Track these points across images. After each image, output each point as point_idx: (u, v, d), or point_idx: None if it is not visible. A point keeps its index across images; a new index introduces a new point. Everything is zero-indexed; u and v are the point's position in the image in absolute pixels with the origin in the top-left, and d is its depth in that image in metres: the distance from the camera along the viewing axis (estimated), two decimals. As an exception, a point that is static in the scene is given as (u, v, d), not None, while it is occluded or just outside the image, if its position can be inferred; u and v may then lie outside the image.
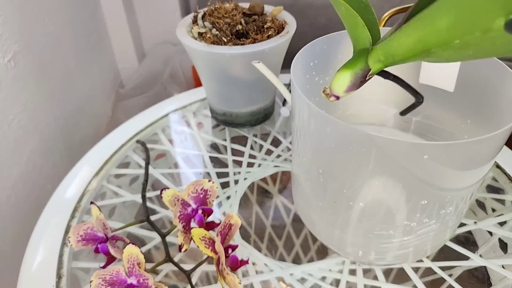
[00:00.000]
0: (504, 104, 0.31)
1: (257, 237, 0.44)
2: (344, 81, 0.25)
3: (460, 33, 0.15)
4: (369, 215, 0.30)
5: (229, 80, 0.47)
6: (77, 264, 0.38)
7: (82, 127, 0.78)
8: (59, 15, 0.70)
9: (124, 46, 1.01)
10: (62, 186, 0.45)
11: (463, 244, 0.39)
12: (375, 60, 0.24)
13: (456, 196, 0.29)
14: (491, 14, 0.14)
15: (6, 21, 0.53)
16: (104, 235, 0.35)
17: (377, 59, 0.23)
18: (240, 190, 0.45)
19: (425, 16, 0.17)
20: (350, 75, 0.24)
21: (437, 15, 0.16)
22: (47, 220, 0.41)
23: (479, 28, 0.14)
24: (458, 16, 0.15)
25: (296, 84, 0.29)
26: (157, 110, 0.57)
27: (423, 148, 0.24)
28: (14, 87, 0.55)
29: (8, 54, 0.54)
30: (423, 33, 0.18)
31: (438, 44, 0.17)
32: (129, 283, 0.30)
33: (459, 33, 0.15)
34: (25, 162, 0.57)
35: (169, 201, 0.35)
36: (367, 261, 0.35)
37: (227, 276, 0.31)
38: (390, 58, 0.22)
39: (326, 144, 0.29)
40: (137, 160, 0.49)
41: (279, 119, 0.56)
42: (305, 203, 0.36)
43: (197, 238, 0.32)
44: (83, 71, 0.80)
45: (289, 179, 0.50)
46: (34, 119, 0.60)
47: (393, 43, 0.21)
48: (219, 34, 0.45)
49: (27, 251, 0.38)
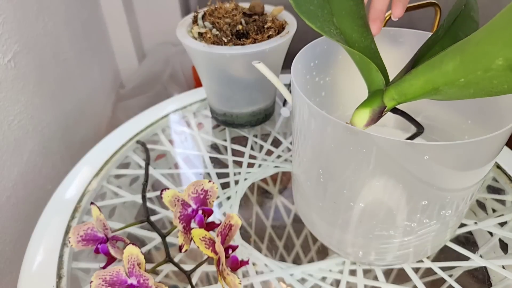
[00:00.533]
0: (504, 104, 0.31)
1: (258, 237, 0.44)
2: (364, 117, 0.29)
3: (464, 72, 0.18)
4: (370, 216, 0.30)
5: (230, 81, 0.47)
6: (77, 264, 0.38)
7: (82, 127, 0.78)
8: (59, 15, 0.70)
9: (124, 46, 1.01)
10: (62, 187, 0.45)
11: (464, 244, 0.39)
12: (389, 99, 0.28)
13: (456, 197, 0.29)
14: (491, 55, 0.17)
15: (6, 21, 0.53)
16: (104, 236, 0.35)
17: (391, 97, 0.28)
18: (240, 191, 0.45)
19: (433, 61, 0.21)
20: (369, 112, 0.29)
21: (445, 60, 0.20)
22: (47, 221, 0.41)
23: (480, 68, 0.17)
24: (463, 59, 0.18)
25: (296, 84, 0.29)
26: (157, 110, 0.57)
27: (424, 148, 0.24)
28: (14, 87, 0.55)
29: (8, 54, 0.54)
30: (431, 75, 0.21)
31: (445, 83, 0.20)
32: (129, 283, 0.30)
33: (464, 73, 0.18)
34: (25, 163, 0.57)
35: (169, 202, 0.35)
36: (368, 261, 0.35)
37: (228, 276, 0.31)
38: (403, 97, 0.26)
39: (327, 144, 0.29)
40: (137, 161, 0.49)
41: (279, 120, 0.56)
42: (305, 203, 0.36)
43: (197, 238, 0.32)
44: (83, 72, 0.80)
45: (289, 179, 0.50)
46: (34, 120, 0.60)
47: (405, 84, 0.25)
48: (219, 34, 0.45)
49: (27, 252, 0.38)
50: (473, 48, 0.18)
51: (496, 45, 0.17)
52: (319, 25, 0.28)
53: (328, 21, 0.30)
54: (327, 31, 0.28)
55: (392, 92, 0.27)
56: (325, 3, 0.30)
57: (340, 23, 0.30)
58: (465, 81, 0.19)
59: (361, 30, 0.31)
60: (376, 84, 0.29)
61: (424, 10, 0.47)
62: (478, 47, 0.18)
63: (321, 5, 0.30)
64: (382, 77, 0.28)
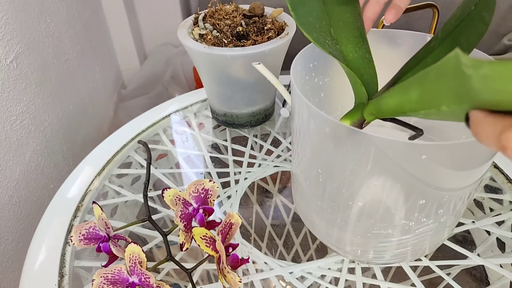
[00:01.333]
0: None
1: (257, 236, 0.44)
2: None
3: (424, 106, 0.20)
4: (368, 215, 0.31)
5: (230, 81, 0.48)
6: (79, 263, 0.39)
7: (84, 127, 0.78)
8: (61, 17, 0.71)
9: (126, 48, 1.01)
10: (64, 186, 0.45)
11: (461, 243, 0.39)
12: (369, 113, 0.29)
13: (454, 196, 0.29)
14: (438, 101, 0.18)
15: (8, 22, 0.54)
16: (106, 234, 0.35)
17: (370, 112, 0.29)
18: (241, 190, 0.45)
19: (404, 85, 0.22)
20: (349, 124, 0.30)
21: (411, 88, 0.21)
22: (50, 220, 0.41)
23: (433, 107, 0.19)
24: (422, 93, 0.20)
25: (295, 85, 0.30)
26: (158, 111, 0.57)
27: (421, 148, 0.25)
28: (17, 88, 0.55)
29: (10, 55, 0.54)
30: (401, 99, 0.23)
31: (410, 110, 0.22)
32: (131, 281, 0.31)
33: (423, 106, 0.20)
34: (27, 162, 0.57)
35: (170, 201, 0.35)
36: (366, 259, 0.35)
37: (228, 274, 0.31)
38: (380, 113, 0.28)
39: (325, 144, 0.29)
40: (139, 160, 0.50)
41: (279, 120, 0.56)
42: (304, 202, 0.36)
43: (198, 237, 0.32)
44: (85, 72, 0.80)
45: (289, 179, 0.51)
46: (36, 120, 0.60)
47: (382, 102, 0.26)
48: (219, 35, 0.46)
49: (30, 250, 0.39)
50: (429, 86, 0.19)
51: (440, 92, 0.18)
52: (315, 36, 0.30)
53: (325, 32, 0.31)
54: (322, 42, 0.30)
55: (372, 108, 0.29)
56: (324, 14, 0.31)
57: (337, 34, 0.32)
58: (424, 113, 0.20)
59: (357, 40, 0.32)
60: (359, 97, 0.31)
61: (422, 11, 0.48)
62: (431, 86, 0.19)
63: (320, 17, 0.31)
64: (365, 92, 0.30)
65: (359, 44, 0.32)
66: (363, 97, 0.31)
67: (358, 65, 0.32)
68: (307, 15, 0.30)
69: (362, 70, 0.32)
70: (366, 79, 0.32)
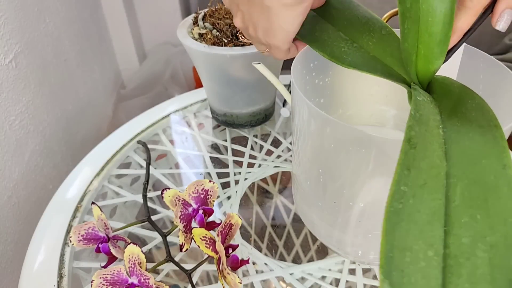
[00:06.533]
0: (503, 104, 0.31)
1: (258, 237, 0.44)
2: None
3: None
4: (369, 215, 0.30)
5: (230, 81, 0.47)
6: (78, 263, 0.38)
7: (83, 127, 0.78)
8: (60, 16, 0.70)
9: (125, 47, 1.01)
10: (63, 186, 0.45)
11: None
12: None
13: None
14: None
15: (7, 22, 0.54)
16: (105, 235, 0.35)
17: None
18: (241, 190, 0.45)
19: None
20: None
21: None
22: (49, 220, 0.41)
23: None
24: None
25: (296, 85, 0.30)
26: (158, 110, 0.57)
27: (422, 148, 0.24)
28: (16, 88, 0.55)
29: (9, 55, 0.54)
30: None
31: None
32: (130, 282, 0.31)
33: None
34: (26, 163, 0.57)
35: (170, 201, 0.35)
36: (367, 260, 0.35)
37: (228, 275, 0.31)
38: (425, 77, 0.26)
39: (326, 144, 0.29)
40: (138, 161, 0.49)
41: (279, 120, 0.56)
42: (305, 203, 0.36)
43: (197, 238, 0.32)
44: (84, 72, 0.80)
45: (289, 179, 0.51)
46: (35, 120, 0.60)
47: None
48: (219, 35, 0.46)
49: (29, 251, 0.38)
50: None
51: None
52: (329, 50, 0.28)
53: (336, 39, 0.30)
54: (339, 57, 0.28)
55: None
56: (326, 24, 0.30)
57: (347, 32, 0.30)
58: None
59: (367, 25, 0.30)
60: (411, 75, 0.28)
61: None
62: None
63: (324, 28, 0.30)
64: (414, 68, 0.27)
65: (371, 26, 0.30)
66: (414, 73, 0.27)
67: (385, 45, 0.28)
68: (312, 31, 0.30)
69: (394, 48, 0.29)
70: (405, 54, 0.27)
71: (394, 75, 0.28)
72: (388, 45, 0.29)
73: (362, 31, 0.31)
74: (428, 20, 0.23)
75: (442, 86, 0.27)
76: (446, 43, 0.25)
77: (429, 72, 0.26)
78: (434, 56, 0.25)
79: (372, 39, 0.30)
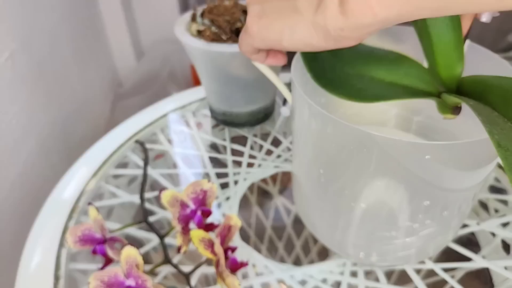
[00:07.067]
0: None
1: (257, 238, 0.44)
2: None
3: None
4: (371, 216, 0.30)
5: (229, 79, 0.47)
6: (74, 265, 0.38)
7: (80, 127, 0.77)
8: (56, 13, 0.70)
9: (122, 45, 1.01)
10: (59, 187, 0.45)
11: (466, 245, 0.38)
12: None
13: (458, 197, 0.29)
14: None
15: (3, 19, 0.53)
16: (102, 236, 0.34)
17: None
18: (240, 191, 0.45)
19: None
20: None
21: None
22: (45, 221, 0.41)
23: None
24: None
25: (296, 83, 0.29)
26: (155, 109, 0.57)
27: (425, 148, 0.24)
28: (12, 87, 0.55)
29: (5, 53, 0.53)
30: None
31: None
32: (127, 284, 0.30)
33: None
34: (23, 163, 0.57)
35: (168, 202, 0.34)
36: (369, 262, 0.35)
37: (227, 278, 0.31)
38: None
39: (327, 144, 0.28)
40: (136, 161, 0.49)
41: (279, 119, 0.55)
42: (305, 204, 0.36)
43: (196, 239, 0.32)
44: (81, 70, 0.79)
45: (289, 179, 0.50)
46: (32, 119, 0.59)
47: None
48: (218, 31, 0.45)
49: (25, 252, 0.38)
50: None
51: None
52: (346, 91, 0.27)
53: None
54: (356, 94, 0.28)
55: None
56: (333, 57, 0.29)
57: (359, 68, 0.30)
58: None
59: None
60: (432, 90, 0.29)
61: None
62: None
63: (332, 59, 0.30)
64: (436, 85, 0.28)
65: (376, 55, 0.30)
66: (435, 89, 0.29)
67: (398, 68, 0.29)
68: (323, 72, 0.29)
69: (407, 67, 0.30)
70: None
71: (418, 92, 0.28)
72: (400, 67, 0.30)
73: (368, 62, 0.30)
74: (439, 33, 0.27)
75: (474, 85, 0.27)
76: (461, 47, 0.27)
77: (455, 77, 0.28)
78: (454, 62, 0.28)
79: (381, 66, 0.30)
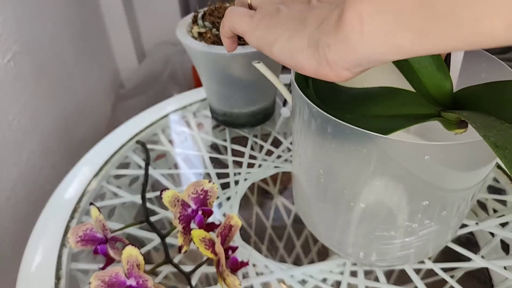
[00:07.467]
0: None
1: (258, 238, 0.44)
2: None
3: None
4: (370, 216, 0.30)
5: (230, 80, 0.47)
6: (76, 265, 0.38)
7: (82, 127, 0.78)
8: (59, 15, 0.70)
9: (124, 47, 1.01)
10: (61, 187, 0.45)
11: (465, 245, 0.38)
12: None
13: (457, 197, 0.29)
14: None
15: (6, 21, 0.53)
16: (103, 236, 0.35)
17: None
18: (241, 191, 0.45)
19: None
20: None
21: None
22: (46, 221, 0.41)
23: None
24: None
25: (296, 84, 0.29)
26: (157, 110, 0.57)
27: (424, 148, 0.24)
28: (14, 87, 0.55)
29: (7, 55, 0.53)
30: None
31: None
32: (128, 284, 0.30)
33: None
34: (24, 163, 0.57)
35: (169, 202, 0.35)
36: (368, 262, 0.35)
37: (227, 277, 0.31)
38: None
39: (327, 144, 0.28)
40: (137, 161, 0.49)
41: (279, 120, 0.55)
42: (305, 204, 0.36)
43: (197, 239, 0.32)
44: (82, 72, 0.79)
45: (289, 179, 0.50)
46: (33, 120, 0.60)
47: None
48: (219, 33, 0.45)
49: (26, 252, 0.38)
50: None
51: None
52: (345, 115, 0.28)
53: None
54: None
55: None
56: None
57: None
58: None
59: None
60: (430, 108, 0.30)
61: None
62: None
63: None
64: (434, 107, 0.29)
65: (372, 94, 0.31)
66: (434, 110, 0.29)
67: (393, 100, 0.30)
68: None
69: (402, 97, 0.30)
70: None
71: (419, 117, 0.29)
72: (395, 99, 0.30)
73: (366, 103, 0.31)
74: (418, 59, 0.28)
75: (467, 97, 0.28)
76: (443, 65, 0.28)
77: (446, 94, 0.28)
78: (441, 80, 0.28)
79: (378, 103, 0.31)
